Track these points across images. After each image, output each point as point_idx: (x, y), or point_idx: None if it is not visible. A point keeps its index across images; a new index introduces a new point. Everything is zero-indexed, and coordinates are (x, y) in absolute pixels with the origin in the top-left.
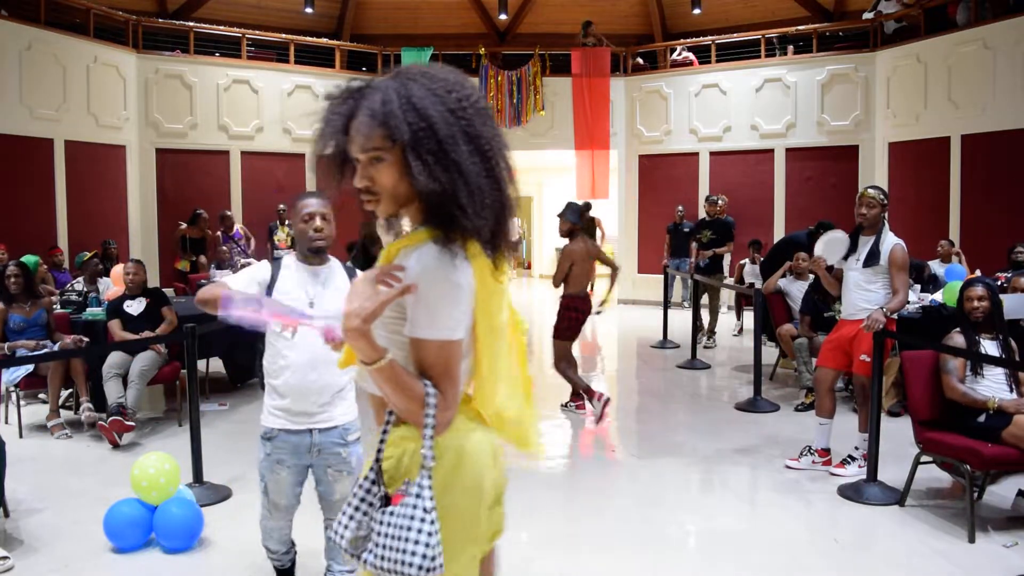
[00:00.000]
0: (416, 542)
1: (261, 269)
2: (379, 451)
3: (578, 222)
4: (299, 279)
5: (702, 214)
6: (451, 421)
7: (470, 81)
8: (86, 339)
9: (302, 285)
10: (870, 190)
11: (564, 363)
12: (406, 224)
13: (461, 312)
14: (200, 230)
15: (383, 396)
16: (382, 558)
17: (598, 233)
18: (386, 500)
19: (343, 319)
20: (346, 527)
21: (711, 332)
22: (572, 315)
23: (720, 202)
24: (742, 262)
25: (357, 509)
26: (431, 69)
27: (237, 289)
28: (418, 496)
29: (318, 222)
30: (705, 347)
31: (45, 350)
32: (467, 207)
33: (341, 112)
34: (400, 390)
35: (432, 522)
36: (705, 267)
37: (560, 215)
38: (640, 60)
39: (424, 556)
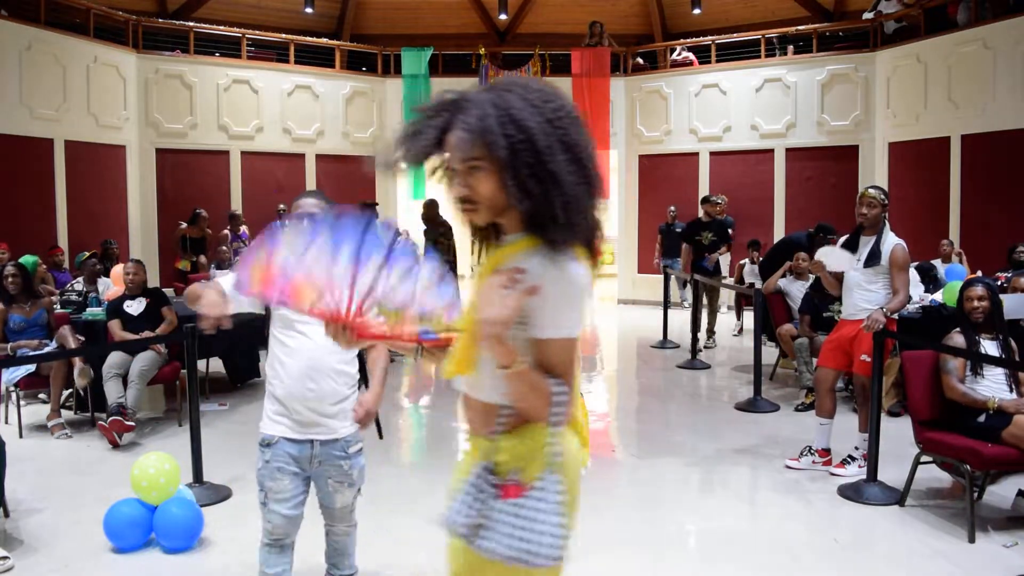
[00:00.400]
0: (542, 532)
1: None
2: (494, 449)
3: None
4: None
5: (700, 214)
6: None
7: (562, 91)
8: (81, 338)
9: None
10: (871, 190)
11: None
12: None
13: (579, 311)
14: (200, 230)
15: (511, 396)
16: (508, 547)
17: None
18: (500, 491)
19: (482, 326)
20: (462, 514)
21: (711, 332)
22: None
23: (720, 202)
24: (742, 262)
25: (474, 498)
26: (526, 80)
27: (231, 289)
28: (545, 490)
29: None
30: (705, 347)
31: (46, 350)
32: (561, 217)
33: (435, 125)
34: (533, 390)
35: (561, 515)
36: (711, 269)
37: None
38: (640, 60)
39: (551, 546)
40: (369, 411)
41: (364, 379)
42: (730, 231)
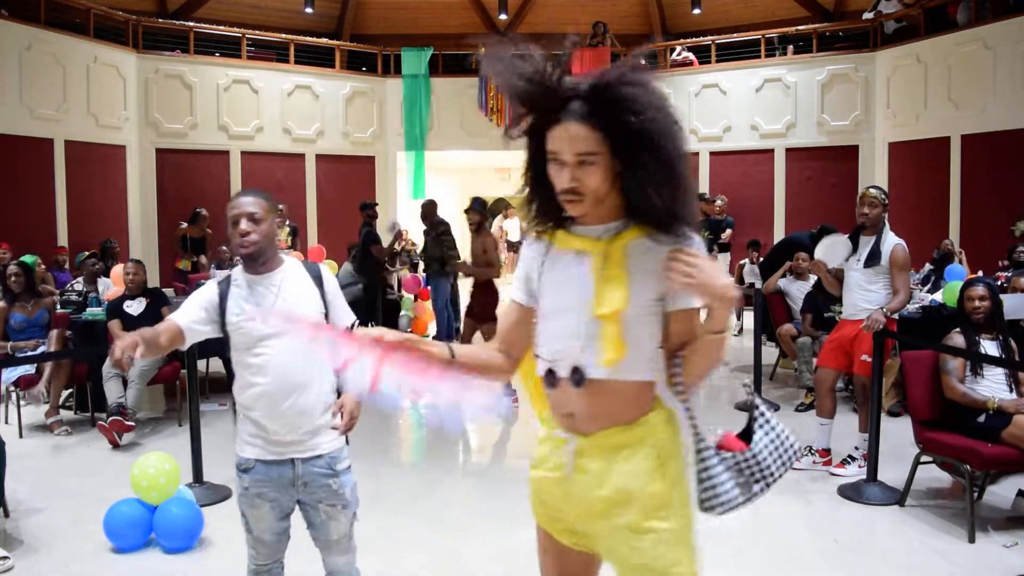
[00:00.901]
0: (787, 436)
1: (207, 290)
2: (648, 430)
3: (487, 215)
4: (247, 296)
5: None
6: None
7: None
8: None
9: (252, 302)
10: (872, 190)
11: None
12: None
13: None
14: (201, 229)
15: (712, 363)
16: (777, 469)
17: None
18: (731, 446)
19: (725, 290)
20: (734, 490)
21: None
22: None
23: (719, 202)
24: (742, 262)
25: (725, 471)
26: (644, 77)
27: (186, 322)
28: (762, 418)
29: (243, 224)
30: None
31: (40, 350)
32: (687, 212)
33: (551, 107)
34: (720, 351)
35: (778, 423)
36: None
37: (474, 209)
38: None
39: (795, 442)
40: (353, 414)
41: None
42: (729, 231)
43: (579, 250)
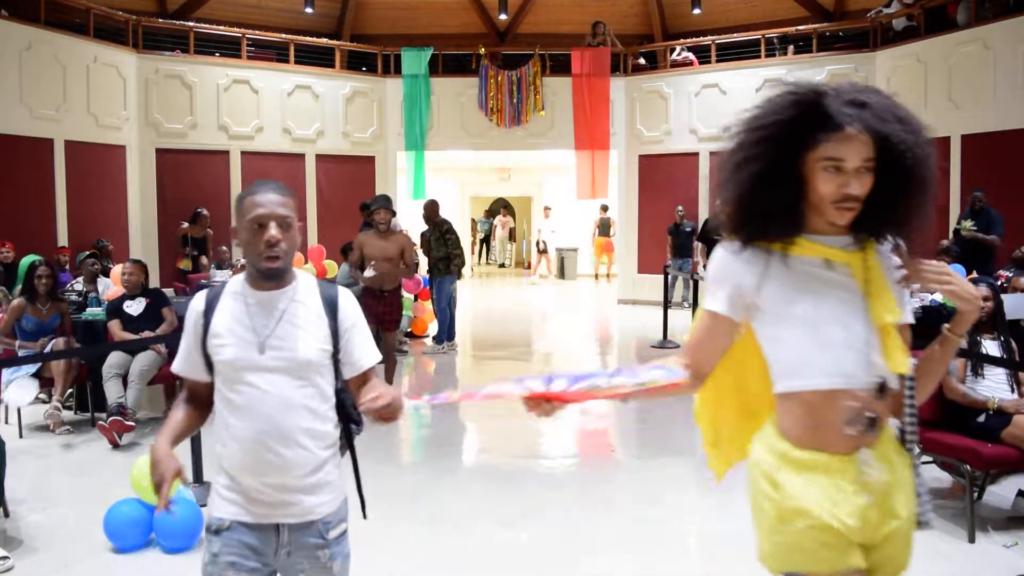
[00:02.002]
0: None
1: (193, 313)
2: (908, 433)
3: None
4: (241, 314)
5: (704, 215)
6: None
7: None
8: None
9: (246, 323)
10: None
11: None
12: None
13: None
14: (201, 229)
15: (940, 369)
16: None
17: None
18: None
19: (977, 296)
20: (928, 504)
21: None
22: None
23: (719, 202)
24: None
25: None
26: (904, 108)
27: (198, 377)
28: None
29: (273, 231)
30: None
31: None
32: (924, 230)
33: (851, 111)
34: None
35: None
36: None
37: (387, 208)
38: (643, 60)
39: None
40: (396, 399)
41: (347, 434)
42: None
43: (828, 260)
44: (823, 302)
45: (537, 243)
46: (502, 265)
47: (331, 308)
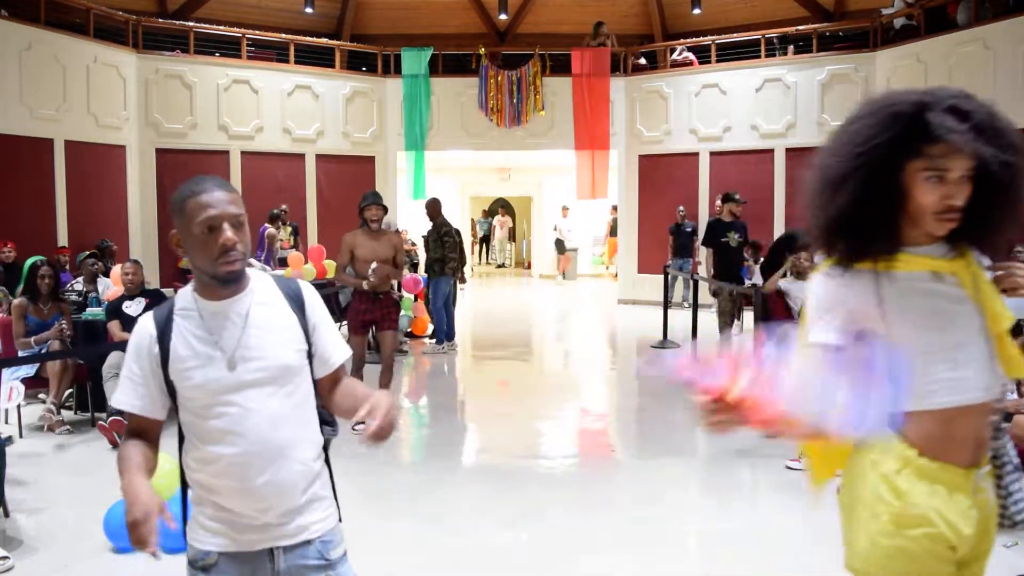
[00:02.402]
0: None
1: (140, 339)
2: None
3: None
4: (200, 330)
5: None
6: None
7: None
8: (68, 331)
9: (207, 339)
10: None
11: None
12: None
13: None
14: None
15: None
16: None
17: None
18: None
19: None
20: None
21: None
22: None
23: (719, 203)
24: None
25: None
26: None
27: (130, 402)
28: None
29: (228, 232)
30: None
31: (43, 349)
32: (1010, 238)
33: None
34: None
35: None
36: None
37: (378, 204)
38: (643, 60)
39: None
40: (389, 414)
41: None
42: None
43: (936, 272)
44: (943, 318)
45: (557, 242)
46: (501, 265)
47: (298, 304)
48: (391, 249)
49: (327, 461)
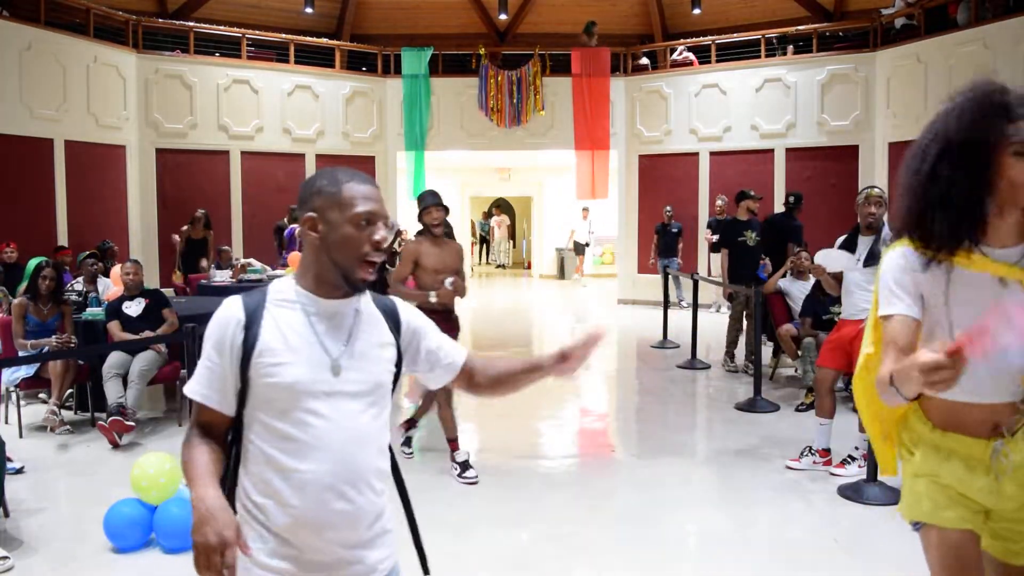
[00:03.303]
0: None
1: (228, 317)
2: None
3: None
4: (303, 326)
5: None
6: None
7: None
8: (73, 340)
9: (310, 338)
10: (876, 189)
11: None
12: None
13: None
14: (200, 230)
15: None
16: None
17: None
18: None
19: None
20: None
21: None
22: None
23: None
24: None
25: None
26: None
27: (205, 393)
28: None
29: (384, 231)
30: (729, 370)
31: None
32: None
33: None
34: None
35: None
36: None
37: (439, 205)
38: (644, 60)
39: None
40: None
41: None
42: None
43: (1003, 277)
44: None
45: (576, 245)
46: (501, 266)
47: (393, 321)
48: (458, 258)
49: (405, 500)
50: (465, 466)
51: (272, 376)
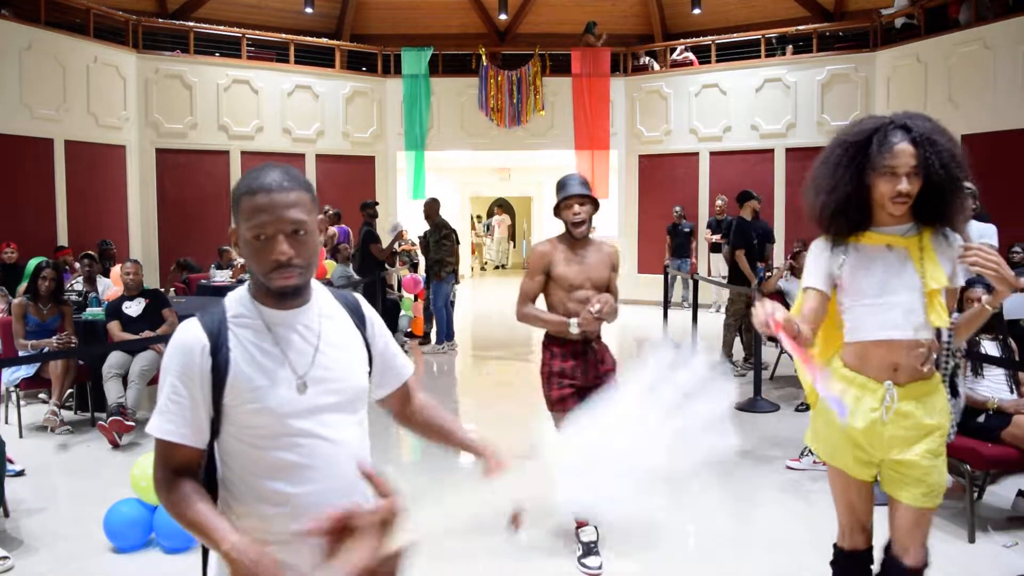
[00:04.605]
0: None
1: (191, 345)
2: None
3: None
4: (266, 343)
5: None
6: None
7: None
8: (74, 339)
9: (275, 355)
10: None
11: None
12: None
13: None
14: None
15: (971, 328)
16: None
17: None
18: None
19: (1014, 279)
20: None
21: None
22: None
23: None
24: None
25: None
26: (941, 126)
27: (178, 431)
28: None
29: (283, 245)
30: (738, 374)
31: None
32: (962, 216)
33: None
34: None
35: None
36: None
37: (585, 195)
38: (645, 60)
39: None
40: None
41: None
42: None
43: (890, 244)
44: (882, 277)
45: None
46: (501, 267)
47: (359, 318)
48: (606, 267)
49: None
50: (589, 550)
51: (253, 402)
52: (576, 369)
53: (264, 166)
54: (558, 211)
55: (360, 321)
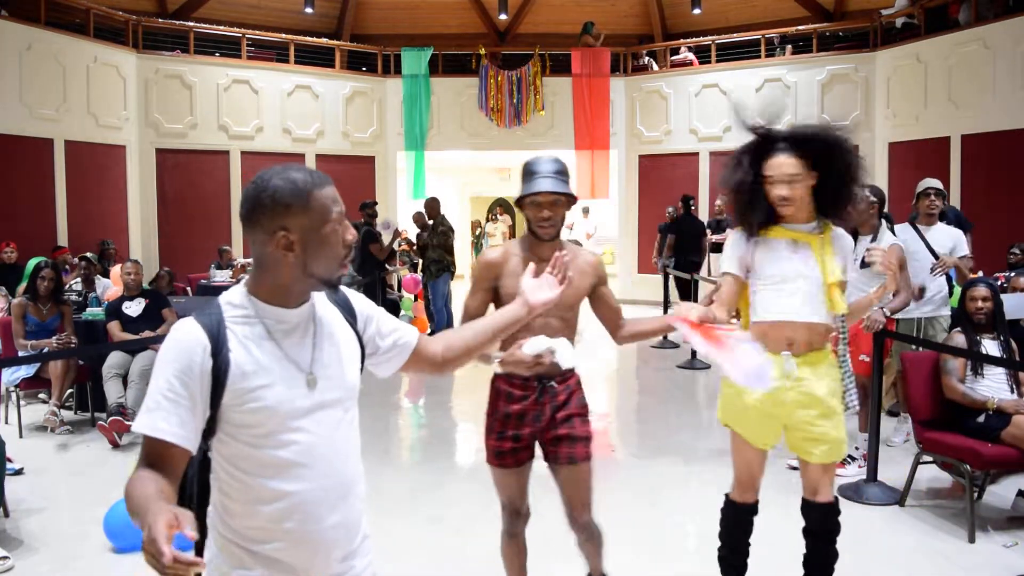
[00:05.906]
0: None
1: (190, 345)
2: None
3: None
4: (267, 341)
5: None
6: None
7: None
8: (73, 339)
9: (276, 353)
10: (866, 191)
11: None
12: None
13: None
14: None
15: (859, 315)
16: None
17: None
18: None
19: (901, 278)
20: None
21: None
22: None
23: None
24: None
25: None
26: (831, 125)
27: (181, 441)
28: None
29: (352, 230)
30: None
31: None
32: (851, 210)
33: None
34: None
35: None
36: None
37: (558, 191)
38: (645, 60)
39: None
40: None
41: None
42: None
43: (795, 239)
44: (784, 267)
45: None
46: None
47: (349, 312)
48: (586, 279)
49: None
50: None
51: (254, 401)
52: (524, 416)
53: (288, 166)
54: (521, 205)
55: (351, 316)
